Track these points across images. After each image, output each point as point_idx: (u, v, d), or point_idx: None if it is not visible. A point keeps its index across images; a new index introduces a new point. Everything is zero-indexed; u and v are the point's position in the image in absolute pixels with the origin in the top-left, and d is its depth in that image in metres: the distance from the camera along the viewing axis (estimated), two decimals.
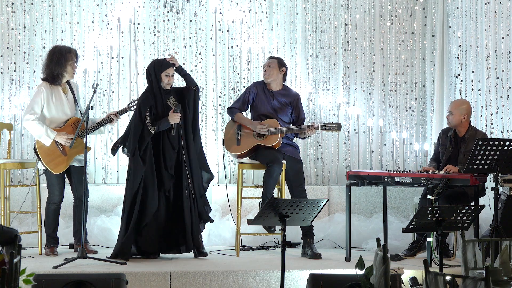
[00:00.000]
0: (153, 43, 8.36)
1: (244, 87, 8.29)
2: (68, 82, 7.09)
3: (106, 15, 8.31)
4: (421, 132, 8.49)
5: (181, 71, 7.10)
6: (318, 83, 8.46)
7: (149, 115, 6.94)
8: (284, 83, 7.46)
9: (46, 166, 6.96)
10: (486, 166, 6.41)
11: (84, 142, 6.73)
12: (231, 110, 7.40)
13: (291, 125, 7.32)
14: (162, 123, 6.92)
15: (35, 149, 7.03)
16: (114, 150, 7.10)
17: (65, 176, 7.13)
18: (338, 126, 7.20)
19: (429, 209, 5.44)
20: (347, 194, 6.94)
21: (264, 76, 7.37)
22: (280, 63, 7.38)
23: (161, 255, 6.99)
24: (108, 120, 7.04)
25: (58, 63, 6.98)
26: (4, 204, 7.15)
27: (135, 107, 7.08)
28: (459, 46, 8.14)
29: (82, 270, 6.23)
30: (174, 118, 6.92)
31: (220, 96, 8.37)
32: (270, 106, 7.31)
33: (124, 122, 8.04)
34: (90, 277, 5.46)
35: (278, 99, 7.33)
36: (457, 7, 8.19)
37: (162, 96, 6.99)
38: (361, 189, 8.10)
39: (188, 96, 7.07)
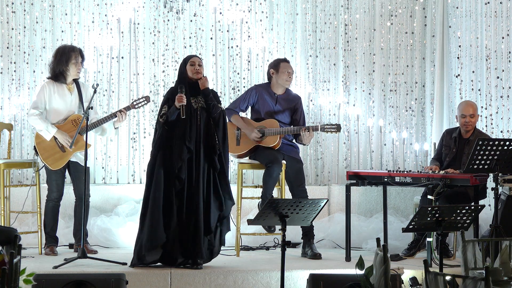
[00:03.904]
0: (153, 43, 8.35)
1: (244, 87, 8.29)
2: (76, 82, 7.11)
3: (106, 15, 8.31)
4: (421, 132, 8.49)
5: (207, 95, 6.55)
6: (318, 83, 8.46)
7: (166, 108, 6.48)
8: None
9: (44, 162, 6.97)
10: (486, 166, 6.41)
11: (84, 140, 6.72)
12: (228, 111, 7.27)
13: (291, 126, 7.31)
14: (170, 111, 6.42)
15: (34, 145, 7.05)
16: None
17: (67, 173, 7.14)
18: (337, 128, 7.16)
19: (429, 209, 5.44)
20: (347, 194, 6.93)
21: (286, 83, 7.25)
22: None
23: None
24: (113, 116, 7.01)
25: (61, 61, 7.02)
26: (4, 204, 7.15)
27: (139, 105, 7.05)
28: (459, 46, 8.14)
29: (82, 270, 6.22)
30: (178, 99, 6.35)
31: (220, 96, 8.36)
32: (272, 109, 7.29)
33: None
34: (90, 277, 5.47)
35: (281, 103, 7.31)
36: (457, 7, 8.19)
37: (184, 89, 6.44)
38: (361, 189, 8.10)
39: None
